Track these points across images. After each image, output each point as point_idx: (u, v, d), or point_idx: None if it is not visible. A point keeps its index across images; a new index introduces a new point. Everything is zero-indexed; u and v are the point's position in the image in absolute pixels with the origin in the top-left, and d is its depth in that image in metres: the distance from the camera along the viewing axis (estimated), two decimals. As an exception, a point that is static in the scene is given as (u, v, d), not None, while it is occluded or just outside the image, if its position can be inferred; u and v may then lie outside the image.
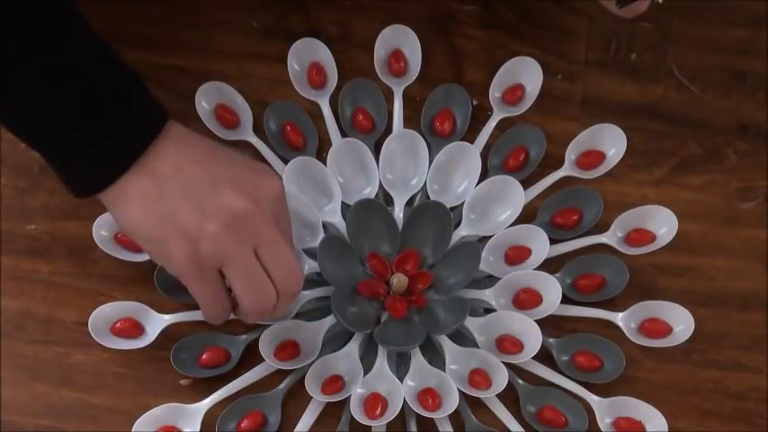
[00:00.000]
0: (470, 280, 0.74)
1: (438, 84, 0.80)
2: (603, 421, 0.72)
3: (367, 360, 0.73)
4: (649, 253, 0.76)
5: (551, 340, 0.74)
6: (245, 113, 0.78)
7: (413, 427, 0.72)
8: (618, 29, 0.83)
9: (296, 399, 0.72)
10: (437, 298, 0.75)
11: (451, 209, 0.76)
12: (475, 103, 0.80)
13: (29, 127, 0.62)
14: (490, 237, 0.75)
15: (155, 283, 0.74)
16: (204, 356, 0.73)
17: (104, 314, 0.73)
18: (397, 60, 0.80)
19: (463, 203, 0.76)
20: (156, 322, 0.73)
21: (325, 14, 0.83)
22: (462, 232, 0.76)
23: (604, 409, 0.72)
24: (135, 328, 0.73)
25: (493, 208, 0.76)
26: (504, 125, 0.79)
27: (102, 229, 0.74)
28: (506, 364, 0.72)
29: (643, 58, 0.82)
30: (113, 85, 0.63)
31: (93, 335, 0.72)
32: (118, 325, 0.73)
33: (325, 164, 0.76)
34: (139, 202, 0.62)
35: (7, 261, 0.76)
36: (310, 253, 0.74)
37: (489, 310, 0.75)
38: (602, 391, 0.73)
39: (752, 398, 0.75)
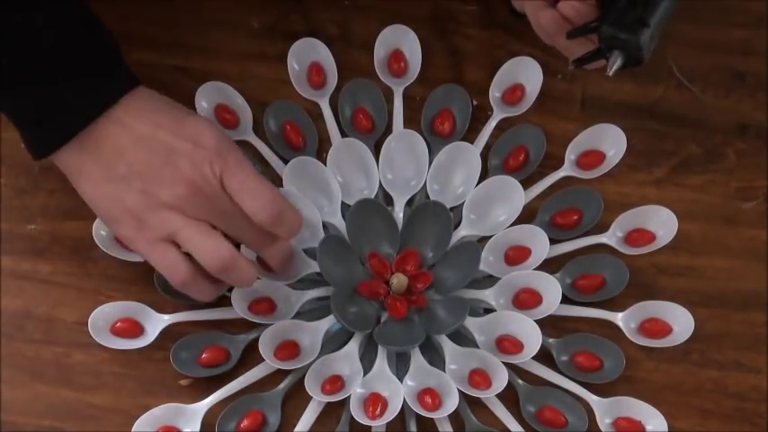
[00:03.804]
0: (470, 280, 0.74)
1: (438, 84, 0.80)
2: (603, 421, 0.72)
3: (367, 360, 0.73)
4: (649, 253, 0.76)
5: (551, 340, 0.74)
6: (245, 114, 0.78)
7: (413, 426, 0.72)
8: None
9: (296, 399, 0.72)
10: (437, 298, 0.75)
11: (451, 209, 0.76)
12: (475, 103, 0.80)
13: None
14: (490, 237, 0.75)
15: (155, 283, 0.74)
16: (204, 356, 0.73)
17: (104, 314, 0.73)
18: (396, 60, 0.80)
19: (463, 203, 0.76)
20: (156, 322, 0.73)
21: (325, 14, 0.83)
22: (462, 232, 0.76)
23: (604, 409, 0.72)
24: (135, 328, 0.73)
25: (493, 208, 0.76)
26: (503, 125, 0.79)
27: (102, 229, 0.74)
28: (506, 364, 0.72)
29: (643, 58, 0.82)
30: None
31: (93, 335, 0.72)
32: (118, 325, 0.73)
33: (326, 164, 0.76)
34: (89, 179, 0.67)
35: (7, 261, 0.76)
36: (310, 253, 0.74)
37: (489, 310, 0.75)
38: (602, 391, 0.73)
39: (752, 398, 0.75)
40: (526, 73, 0.80)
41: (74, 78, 0.65)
